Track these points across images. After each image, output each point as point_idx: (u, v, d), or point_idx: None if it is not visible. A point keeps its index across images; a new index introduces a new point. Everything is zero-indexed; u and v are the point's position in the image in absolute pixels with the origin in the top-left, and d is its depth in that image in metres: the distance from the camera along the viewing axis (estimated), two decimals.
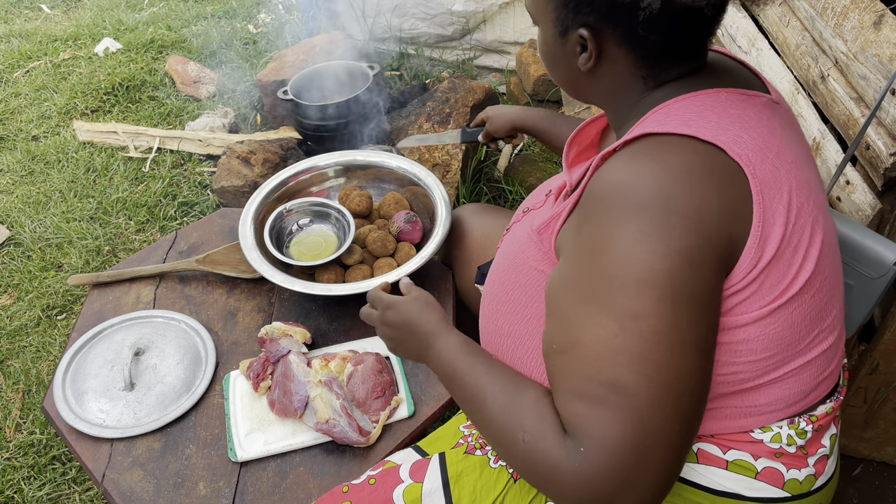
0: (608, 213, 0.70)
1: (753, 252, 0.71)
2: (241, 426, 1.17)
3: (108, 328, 1.36)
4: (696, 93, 0.77)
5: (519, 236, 0.93)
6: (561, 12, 0.79)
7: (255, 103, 2.90)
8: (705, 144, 0.71)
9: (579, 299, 0.72)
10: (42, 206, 2.47)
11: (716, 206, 0.69)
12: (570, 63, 0.83)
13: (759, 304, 0.73)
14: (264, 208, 1.53)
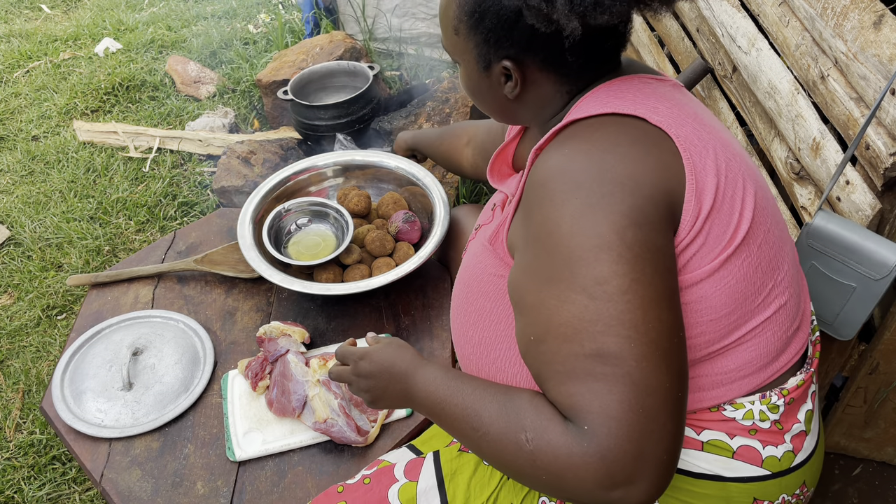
0: (551, 196, 0.73)
1: (693, 204, 0.75)
2: (240, 426, 1.17)
3: (106, 328, 1.36)
4: (610, 81, 0.83)
5: (475, 250, 0.96)
6: (482, 49, 0.83)
7: (256, 103, 2.90)
8: (626, 117, 0.77)
9: (543, 283, 0.73)
10: (42, 206, 2.47)
11: (648, 167, 0.73)
12: (496, 93, 0.88)
13: (709, 256, 0.76)
14: (263, 208, 1.53)
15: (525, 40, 0.80)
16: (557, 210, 0.72)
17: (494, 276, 0.89)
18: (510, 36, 0.79)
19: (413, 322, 1.34)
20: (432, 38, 2.99)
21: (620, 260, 0.69)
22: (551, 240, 0.73)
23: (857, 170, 1.35)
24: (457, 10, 0.83)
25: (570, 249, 0.71)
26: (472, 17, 0.81)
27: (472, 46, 0.84)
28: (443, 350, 1.28)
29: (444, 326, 1.33)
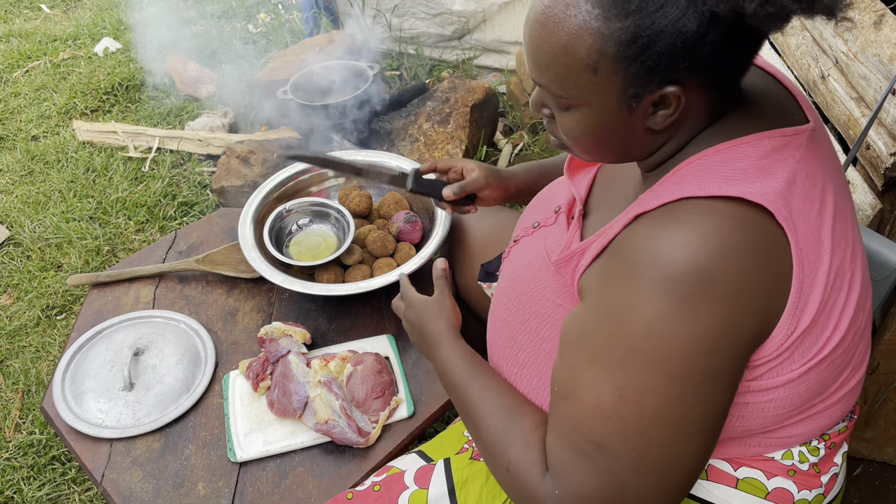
0: (637, 282, 0.66)
1: (788, 324, 0.68)
2: (241, 426, 1.17)
3: (107, 328, 1.36)
4: (738, 141, 0.71)
5: (531, 258, 0.90)
6: (638, 80, 0.68)
7: (256, 103, 2.90)
8: (750, 208, 0.67)
9: (589, 357, 0.70)
10: (42, 205, 2.46)
11: (754, 284, 0.66)
12: (635, 128, 0.73)
13: (790, 368, 0.71)
14: (264, 208, 1.53)
15: (709, 56, 0.66)
16: (638, 302, 0.66)
17: (553, 303, 0.84)
18: (690, 55, 0.66)
19: None
20: (432, 37, 2.99)
21: (672, 382, 0.65)
22: (617, 327, 0.68)
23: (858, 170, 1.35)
24: (597, 45, 0.66)
25: (630, 347, 0.67)
26: (631, 46, 0.65)
27: (618, 82, 0.68)
28: None
29: None
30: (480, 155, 2.44)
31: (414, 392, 1.23)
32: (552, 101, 0.75)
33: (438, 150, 2.34)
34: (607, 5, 0.65)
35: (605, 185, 0.93)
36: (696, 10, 0.64)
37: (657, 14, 0.64)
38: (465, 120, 2.40)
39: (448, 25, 2.92)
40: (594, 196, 0.94)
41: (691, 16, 0.64)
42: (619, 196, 0.87)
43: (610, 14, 0.65)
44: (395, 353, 1.27)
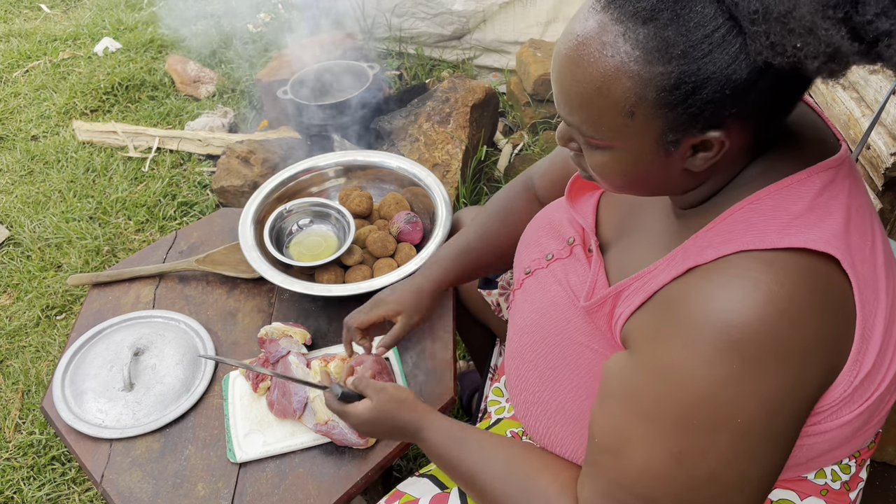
0: (698, 345, 0.62)
1: (850, 372, 0.66)
2: (240, 427, 1.17)
3: (107, 328, 1.36)
4: (788, 181, 0.67)
5: (555, 296, 0.86)
6: (679, 125, 0.63)
7: (256, 103, 2.90)
8: (813, 257, 0.63)
9: (639, 414, 0.67)
10: (41, 205, 2.46)
11: (821, 342, 0.63)
12: (671, 170, 0.69)
13: (848, 410, 0.69)
14: (264, 208, 1.52)
15: (757, 102, 0.62)
16: (699, 367, 0.62)
17: (586, 347, 0.80)
18: (738, 102, 0.61)
19: None
20: (432, 37, 2.99)
21: (732, 445, 0.63)
22: (674, 388, 0.64)
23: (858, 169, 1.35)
24: (636, 88, 0.62)
25: (688, 408, 0.63)
26: (673, 93, 0.61)
27: (656, 127, 0.64)
28: (444, 351, 1.28)
29: (445, 328, 1.33)
30: (480, 155, 2.44)
31: (414, 392, 1.23)
32: (581, 139, 0.70)
33: (438, 149, 2.34)
34: (650, 48, 0.60)
35: (620, 213, 0.89)
36: (748, 59, 0.59)
37: (704, 60, 0.59)
38: (465, 120, 2.40)
39: (448, 25, 2.92)
40: (606, 225, 0.90)
41: (742, 63, 0.59)
42: (645, 229, 0.83)
43: (652, 58, 0.60)
44: (395, 353, 1.27)
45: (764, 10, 0.56)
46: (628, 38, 0.61)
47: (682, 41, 0.59)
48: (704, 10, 0.59)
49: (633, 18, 0.60)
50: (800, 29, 0.55)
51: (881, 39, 0.55)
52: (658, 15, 0.60)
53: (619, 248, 0.86)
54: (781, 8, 0.55)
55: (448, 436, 0.89)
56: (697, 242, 0.69)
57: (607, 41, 0.62)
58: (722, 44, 0.59)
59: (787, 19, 0.55)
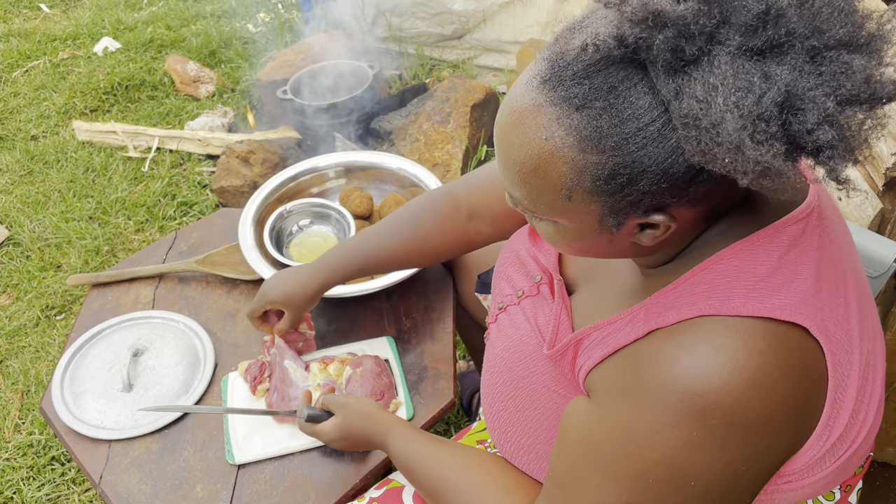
0: (661, 410, 0.61)
1: (820, 437, 0.64)
2: (239, 428, 1.17)
3: (106, 329, 1.35)
4: (754, 238, 0.65)
5: (524, 335, 0.85)
6: (618, 209, 0.61)
7: (255, 103, 2.90)
8: (783, 325, 0.61)
9: (595, 463, 0.66)
10: (41, 205, 2.46)
11: (788, 411, 0.61)
12: (618, 244, 0.68)
13: (821, 468, 0.67)
14: (264, 209, 1.52)
15: (704, 190, 0.60)
16: (661, 430, 0.61)
17: (555, 393, 0.79)
18: (679, 193, 0.59)
19: (415, 324, 1.34)
20: (432, 37, 2.99)
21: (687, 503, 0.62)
22: (633, 447, 0.63)
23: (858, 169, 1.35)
24: (570, 174, 0.60)
25: (645, 468, 0.62)
26: (609, 182, 0.59)
27: (595, 209, 0.62)
28: (444, 353, 1.28)
29: (445, 329, 1.32)
30: (480, 155, 2.44)
31: (413, 394, 1.22)
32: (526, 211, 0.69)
33: (438, 149, 2.33)
34: (583, 136, 0.58)
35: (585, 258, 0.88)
36: (684, 155, 0.57)
37: (639, 153, 0.57)
38: (465, 120, 2.40)
39: (448, 25, 2.91)
40: (573, 263, 0.89)
41: (679, 158, 0.57)
42: (611, 275, 0.82)
43: (585, 146, 0.58)
44: (394, 355, 1.27)
45: (693, 117, 0.54)
46: (562, 122, 0.58)
47: (615, 132, 0.57)
48: (639, 101, 0.56)
49: (566, 103, 0.58)
50: (727, 144, 0.53)
51: (822, 150, 0.53)
52: (591, 103, 0.57)
53: (586, 291, 0.85)
54: (708, 120, 0.53)
55: (414, 449, 0.91)
56: (660, 302, 0.67)
57: (542, 124, 0.60)
58: (658, 138, 0.56)
59: (716, 131, 0.53)
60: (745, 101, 0.52)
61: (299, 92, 2.41)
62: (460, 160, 2.30)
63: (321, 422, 1.05)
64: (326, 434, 1.03)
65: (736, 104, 0.52)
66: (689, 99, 0.54)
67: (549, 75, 0.60)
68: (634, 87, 0.57)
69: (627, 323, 0.69)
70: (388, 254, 1.13)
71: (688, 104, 0.54)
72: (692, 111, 0.54)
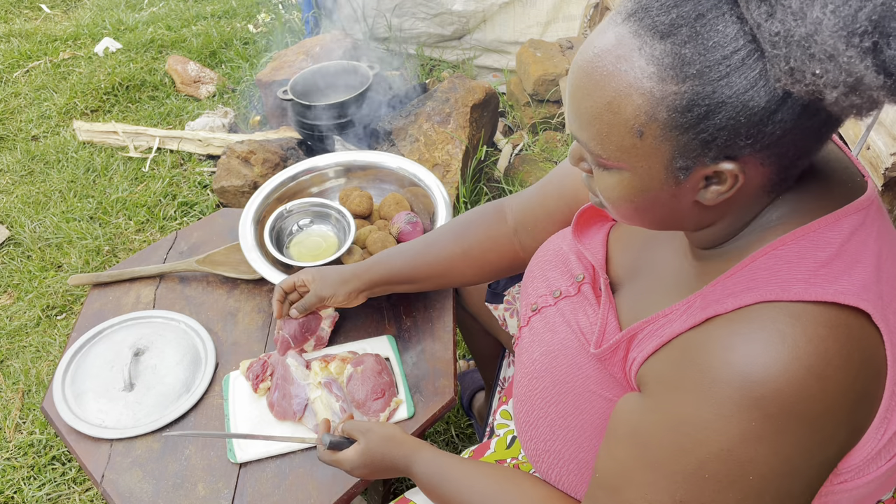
0: (718, 400, 0.59)
1: (878, 430, 0.63)
2: (241, 427, 1.17)
3: (107, 328, 1.36)
4: (815, 225, 0.64)
5: (564, 339, 0.83)
6: (690, 151, 0.60)
7: (255, 103, 2.90)
8: (843, 310, 0.60)
9: (647, 460, 0.64)
10: (42, 205, 2.47)
11: (848, 401, 0.59)
12: (681, 201, 0.65)
13: (875, 466, 0.66)
14: (264, 209, 1.53)
15: (776, 136, 0.58)
16: (717, 422, 0.59)
17: (601, 397, 0.76)
18: (754, 132, 0.58)
19: (415, 324, 1.34)
20: (432, 37, 2.99)
21: (743, 501, 0.60)
22: (688, 441, 0.61)
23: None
24: (646, 107, 0.59)
25: (701, 462, 0.60)
26: (685, 115, 0.58)
27: (665, 150, 0.61)
28: (444, 352, 1.29)
29: (445, 328, 1.33)
30: (480, 155, 2.44)
31: (414, 393, 1.23)
32: (591, 157, 0.67)
33: (438, 149, 2.34)
34: (665, 65, 0.57)
35: (632, 251, 0.86)
36: (767, 85, 0.56)
37: (721, 83, 0.56)
38: (465, 120, 2.41)
39: (448, 25, 2.92)
40: (617, 263, 0.87)
41: (761, 90, 0.56)
42: (660, 269, 0.80)
43: (666, 75, 0.58)
44: (395, 353, 1.27)
45: (786, 33, 0.53)
46: (643, 52, 0.58)
47: (698, 60, 0.57)
48: (726, 29, 0.56)
49: (650, 32, 0.58)
50: (820, 54, 0.53)
51: None
52: (676, 31, 0.57)
53: (631, 289, 0.82)
54: (803, 31, 0.53)
55: (437, 471, 0.89)
56: (717, 289, 0.65)
57: (622, 55, 0.59)
58: (741, 67, 0.56)
59: (809, 43, 0.53)
60: (843, 10, 0.51)
61: (299, 92, 2.41)
62: (460, 160, 2.31)
63: (343, 449, 1.01)
64: (349, 461, 0.98)
65: (833, 11, 0.52)
66: (783, 14, 0.53)
67: (634, 9, 0.60)
68: (723, 15, 0.57)
69: (684, 312, 0.67)
70: (433, 257, 1.11)
71: (781, 20, 0.53)
72: (785, 26, 0.53)
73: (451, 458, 0.90)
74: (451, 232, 1.13)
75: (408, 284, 1.15)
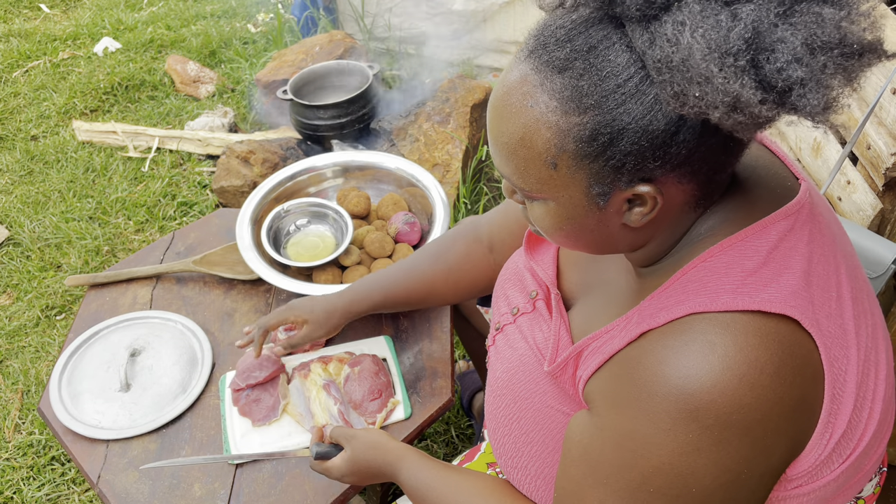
0: (655, 415, 0.60)
1: (822, 436, 0.63)
2: (237, 427, 1.17)
3: (104, 329, 1.35)
4: (743, 234, 0.65)
5: (522, 355, 0.84)
6: (604, 177, 0.62)
7: (255, 103, 2.90)
8: (773, 318, 0.60)
9: (596, 478, 0.66)
10: (41, 205, 2.46)
11: (785, 408, 0.59)
12: (608, 226, 0.67)
13: (828, 470, 0.66)
14: (262, 209, 1.52)
15: (683, 155, 0.60)
16: (657, 436, 0.60)
17: (559, 412, 0.78)
18: (661, 154, 0.59)
19: (412, 324, 1.34)
20: (432, 37, 2.99)
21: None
22: (632, 457, 0.62)
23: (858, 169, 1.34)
24: (555, 139, 0.61)
25: (645, 476, 0.61)
26: (591, 143, 0.60)
27: (581, 179, 0.62)
28: (442, 352, 1.28)
29: (443, 328, 1.32)
30: (481, 155, 2.44)
31: (411, 393, 1.22)
32: (518, 190, 0.69)
33: (438, 149, 2.33)
34: (565, 98, 0.60)
35: (582, 267, 0.87)
36: (662, 109, 0.58)
37: (619, 110, 0.58)
38: (465, 120, 2.40)
39: (448, 25, 2.91)
40: (569, 279, 0.88)
41: (658, 113, 0.58)
42: (607, 285, 0.81)
43: (568, 108, 0.60)
44: (392, 354, 1.27)
45: (666, 59, 0.55)
46: (545, 88, 0.60)
47: (595, 91, 0.58)
48: (617, 59, 0.58)
49: (549, 68, 0.60)
50: (697, 78, 0.54)
51: (793, 88, 0.54)
52: (572, 64, 0.59)
53: (583, 305, 0.84)
54: (678, 57, 0.54)
55: (425, 476, 0.90)
56: (652, 304, 0.66)
57: (527, 91, 0.62)
58: (636, 94, 0.58)
59: (686, 67, 0.54)
60: (711, 34, 0.53)
61: (299, 92, 2.41)
62: (460, 160, 2.30)
63: (331, 458, 1.02)
64: (337, 469, 0.99)
65: (703, 35, 0.53)
66: (661, 40, 0.55)
67: (534, 46, 0.63)
68: (613, 45, 0.59)
69: (622, 328, 0.68)
70: (414, 282, 1.13)
71: (660, 47, 0.56)
72: (664, 52, 0.55)
73: (435, 467, 0.91)
74: (429, 255, 1.15)
75: (389, 309, 1.17)
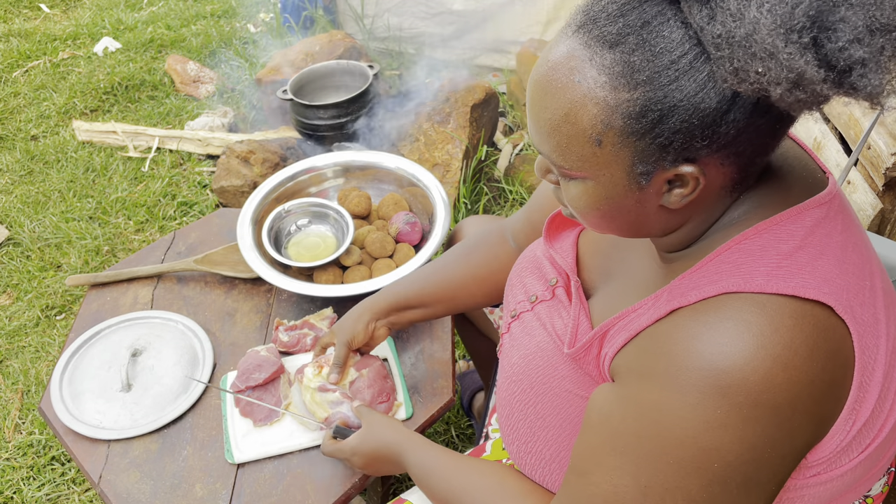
0: (684, 388, 0.60)
1: (846, 422, 0.63)
2: (238, 427, 1.17)
3: (105, 329, 1.35)
4: (778, 219, 0.64)
5: (540, 342, 0.84)
6: (649, 156, 0.61)
7: (255, 103, 2.90)
8: (808, 303, 0.60)
9: (615, 446, 0.65)
10: (41, 205, 2.46)
11: (815, 391, 0.59)
12: (646, 206, 0.66)
13: (847, 459, 0.66)
14: (263, 209, 1.52)
15: (731, 135, 0.60)
16: (683, 409, 0.60)
17: (577, 396, 0.77)
18: (709, 133, 0.59)
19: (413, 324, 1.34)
20: (432, 37, 2.99)
21: (706, 488, 0.60)
22: (655, 428, 0.62)
23: (859, 170, 1.35)
24: (602, 115, 0.60)
25: (666, 448, 0.61)
26: (640, 121, 0.59)
27: (625, 157, 0.62)
28: (443, 352, 1.28)
29: (444, 328, 1.32)
30: (481, 155, 2.44)
31: (412, 394, 1.22)
32: (555, 169, 0.69)
33: (438, 149, 2.33)
34: (615, 73, 0.59)
35: (603, 256, 0.87)
36: (716, 87, 0.58)
37: (671, 87, 0.58)
38: (465, 120, 2.40)
39: (448, 25, 2.91)
40: (588, 266, 0.88)
41: (710, 91, 0.58)
42: (630, 273, 0.81)
43: (617, 83, 0.59)
44: (393, 354, 1.27)
45: (727, 34, 0.55)
46: (595, 63, 0.60)
47: (647, 67, 0.58)
48: (671, 35, 0.58)
49: (600, 43, 0.60)
50: (761, 53, 0.54)
51: (854, 68, 0.53)
52: (624, 39, 0.59)
53: (603, 293, 0.84)
54: (743, 31, 0.54)
55: (430, 456, 0.91)
56: (683, 283, 0.66)
57: (575, 66, 0.61)
58: (689, 70, 0.58)
59: (749, 43, 0.54)
60: (778, 9, 0.53)
61: (299, 92, 2.41)
62: (460, 160, 2.30)
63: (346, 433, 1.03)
64: (349, 445, 1.01)
65: (770, 10, 0.53)
66: (723, 16, 0.55)
67: (583, 21, 0.62)
68: (667, 21, 0.58)
69: (651, 307, 0.68)
70: (441, 282, 1.12)
71: (721, 22, 0.55)
72: (726, 28, 0.55)
73: (441, 451, 0.92)
74: (457, 255, 1.14)
75: (420, 309, 1.15)
